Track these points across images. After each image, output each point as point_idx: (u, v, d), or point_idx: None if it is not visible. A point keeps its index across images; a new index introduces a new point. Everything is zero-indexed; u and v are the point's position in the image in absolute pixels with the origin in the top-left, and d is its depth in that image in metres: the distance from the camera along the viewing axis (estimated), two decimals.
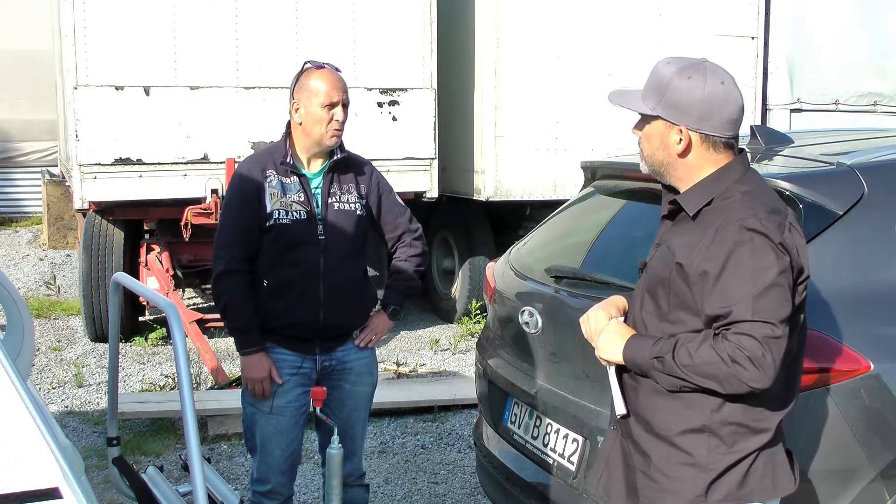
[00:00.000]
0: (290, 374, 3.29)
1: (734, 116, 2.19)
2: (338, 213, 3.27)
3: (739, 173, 2.21)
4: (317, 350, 3.32)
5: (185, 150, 7.00)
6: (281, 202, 3.22)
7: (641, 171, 2.33)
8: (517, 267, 3.62)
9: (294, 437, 3.34)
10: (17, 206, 13.53)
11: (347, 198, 3.31)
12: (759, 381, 2.04)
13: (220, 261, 3.27)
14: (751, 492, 2.19)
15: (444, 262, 8.98)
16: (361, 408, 3.46)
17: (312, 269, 3.23)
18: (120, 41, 6.81)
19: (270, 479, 3.33)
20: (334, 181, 3.30)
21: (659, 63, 2.24)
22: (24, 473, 1.63)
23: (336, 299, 3.26)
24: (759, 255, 2.06)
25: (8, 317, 3.44)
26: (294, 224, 3.21)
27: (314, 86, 3.21)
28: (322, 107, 3.19)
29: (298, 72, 3.30)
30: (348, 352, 3.38)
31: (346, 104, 3.24)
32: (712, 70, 2.19)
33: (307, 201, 3.24)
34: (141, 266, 7.60)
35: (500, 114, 7.89)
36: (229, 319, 3.29)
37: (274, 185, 3.24)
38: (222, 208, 3.38)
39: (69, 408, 6.10)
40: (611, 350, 2.27)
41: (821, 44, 8.88)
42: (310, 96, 3.21)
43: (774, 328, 2.03)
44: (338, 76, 3.26)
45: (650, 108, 2.21)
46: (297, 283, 3.23)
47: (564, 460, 3.09)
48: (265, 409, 3.28)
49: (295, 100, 3.25)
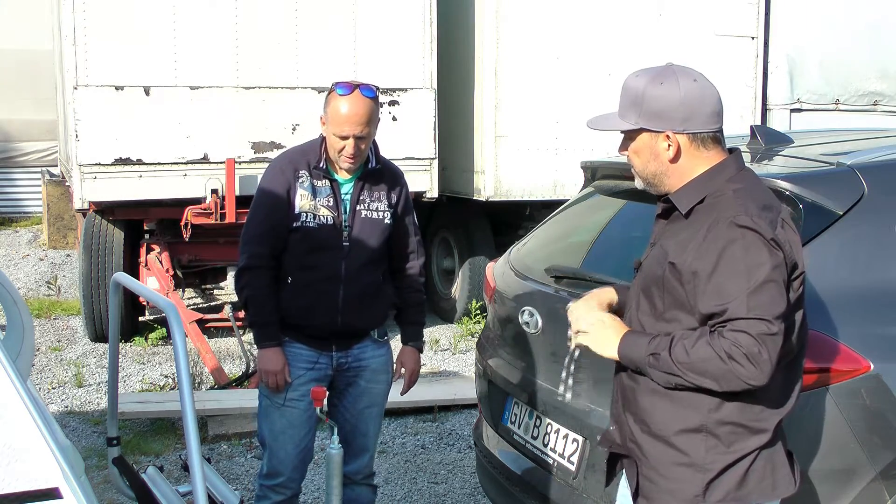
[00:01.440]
0: (306, 368, 3.35)
1: (716, 109, 2.21)
2: (364, 220, 3.31)
3: (732, 171, 2.21)
4: (333, 347, 3.37)
5: (185, 150, 7.00)
6: (310, 205, 3.26)
7: (637, 187, 2.33)
8: (517, 267, 3.62)
9: (306, 431, 3.39)
10: (17, 206, 13.54)
11: (377, 206, 3.33)
12: (755, 378, 2.04)
13: (244, 255, 3.34)
14: (750, 492, 2.18)
15: (444, 262, 8.98)
16: (376, 405, 3.49)
17: (333, 273, 3.28)
18: (120, 41, 6.80)
19: (282, 473, 3.37)
20: (365, 188, 3.32)
21: (627, 79, 2.26)
22: (24, 473, 1.63)
23: (354, 303, 3.31)
24: (751, 251, 2.06)
25: (8, 317, 3.44)
26: (320, 229, 3.26)
27: (334, 112, 3.18)
28: (335, 136, 3.19)
29: (329, 87, 3.24)
30: (364, 349, 3.42)
31: (361, 137, 3.17)
32: (681, 71, 2.20)
33: (335, 206, 3.28)
34: (141, 266, 7.59)
35: (500, 114, 7.89)
36: (250, 314, 3.36)
37: (305, 186, 3.27)
38: (252, 202, 3.41)
39: (69, 408, 6.10)
40: (606, 345, 2.26)
41: (821, 44, 8.87)
42: (330, 120, 3.20)
43: (770, 325, 2.03)
44: (361, 106, 3.15)
45: (632, 123, 2.23)
46: (318, 285, 3.29)
47: (564, 460, 3.09)
48: (279, 401, 3.34)
49: (324, 113, 3.25)
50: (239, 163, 7.00)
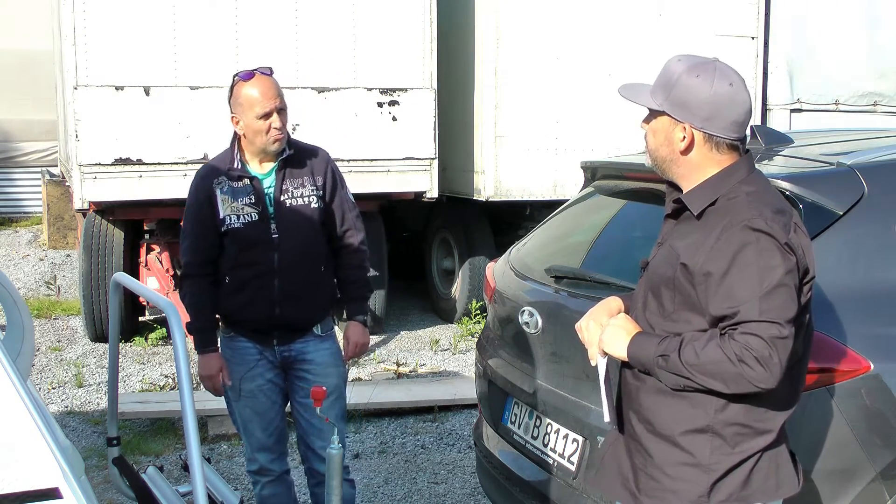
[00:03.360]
0: (256, 359, 3.44)
1: (740, 119, 2.19)
2: (291, 210, 3.36)
3: (744, 173, 2.21)
4: (275, 342, 3.43)
5: (185, 150, 7.00)
6: (231, 207, 3.35)
7: (645, 164, 2.33)
8: (517, 267, 3.62)
9: (272, 416, 3.48)
10: (17, 206, 13.53)
11: (301, 192, 3.38)
12: (765, 382, 2.04)
13: (182, 266, 3.49)
14: (754, 492, 2.19)
15: (444, 262, 8.98)
16: (328, 398, 3.41)
17: (267, 267, 3.35)
18: (120, 41, 6.80)
19: (258, 458, 3.51)
20: (286, 178, 3.37)
21: (671, 59, 2.25)
22: (24, 473, 1.63)
23: (291, 295, 3.37)
24: (765, 255, 2.06)
25: (8, 317, 3.44)
26: (246, 226, 3.34)
27: (246, 98, 3.26)
28: (258, 118, 3.25)
29: (230, 84, 3.34)
30: (307, 343, 3.46)
31: (281, 109, 3.28)
32: (721, 70, 2.18)
33: (258, 202, 3.34)
34: (141, 266, 7.60)
35: (500, 114, 7.88)
36: (189, 321, 3.43)
37: (224, 190, 3.36)
38: (183, 217, 3.52)
39: (69, 408, 6.10)
40: (615, 345, 2.25)
41: (821, 44, 8.87)
42: (244, 109, 3.27)
43: (781, 328, 2.03)
44: (268, 82, 3.28)
45: (657, 104, 2.22)
46: (254, 281, 3.37)
47: (564, 460, 3.09)
48: (235, 395, 3.46)
49: (233, 114, 3.33)
50: None
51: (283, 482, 3.56)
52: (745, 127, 2.22)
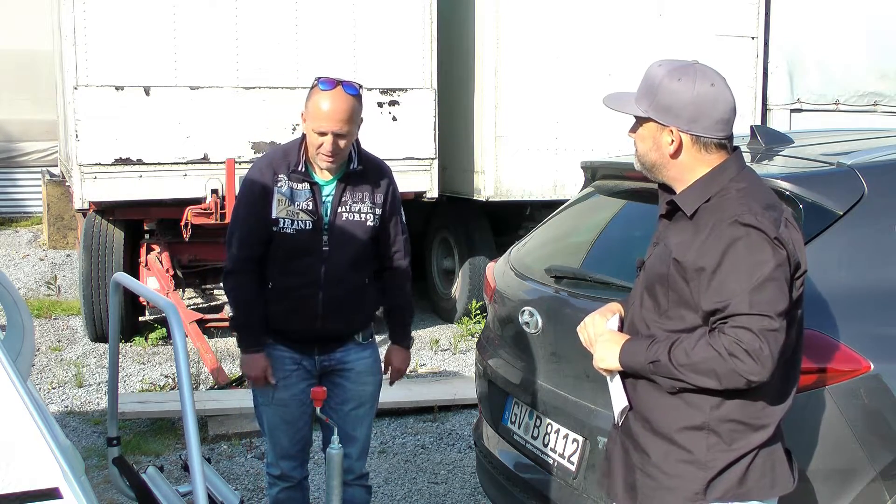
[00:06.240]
0: (293, 369, 3.36)
1: (725, 117, 2.21)
2: (346, 223, 3.26)
3: (735, 171, 2.22)
4: (315, 351, 3.37)
5: (185, 150, 7.00)
6: (287, 210, 3.21)
7: (635, 168, 2.34)
8: (517, 267, 3.62)
9: (300, 426, 3.42)
10: (17, 206, 13.52)
11: (360, 207, 3.28)
12: (757, 374, 2.05)
13: (228, 259, 3.36)
14: (749, 490, 2.20)
15: (444, 262, 8.97)
16: (363, 406, 3.47)
17: (313, 279, 3.24)
18: (120, 41, 6.81)
19: (280, 465, 3.44)
20: (347, 190, 3.26)
21: (652, 65, 2.27)
22: (24, 473, 1.63)
23: (335, 309, 3.28)
24: (755, 249, 2.07)
25: (8, 317, 3.44)
26: (297, 234, 3.22)
27: (313, 107, 3.12)
28: (314, 132, 3.13)
29: (312, 82, 3.19)
30: (348, 352, 3.40)
31: (340, 135, 3.11)
32: (702, 72, 2.21)
33: (315, 210, 3.22)
34: (141, 266, 7.59)
35: (500, 114, 7.88)
36: (235, 317, 3.39)
37: (283, 191, 3.22)
38: (235, 203, 3.41)
39: (69, 408, 6.10)
40: (607, 359, 2.29)
41: (821, 44, 8.87)
42: (309, 115, 3.14)
43: (772, 321, 2.05)
44: (342, 103, 3.09)
45: (642, 111, 2.24)
46: (298, 291, 3.26)
47: (564, 460, 3.09)
48: (267, 400, 3.39)
49: (305, 109, 3.19)
50: (239, 163, 7.00)
51: (300, 488, 3.52)
52: (731, 125, 2.24)
